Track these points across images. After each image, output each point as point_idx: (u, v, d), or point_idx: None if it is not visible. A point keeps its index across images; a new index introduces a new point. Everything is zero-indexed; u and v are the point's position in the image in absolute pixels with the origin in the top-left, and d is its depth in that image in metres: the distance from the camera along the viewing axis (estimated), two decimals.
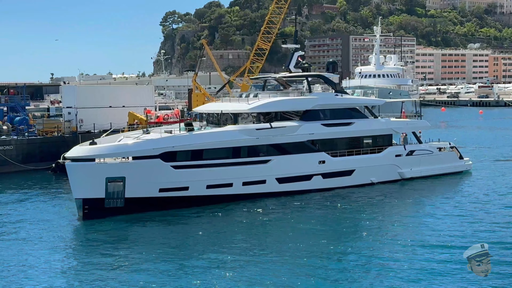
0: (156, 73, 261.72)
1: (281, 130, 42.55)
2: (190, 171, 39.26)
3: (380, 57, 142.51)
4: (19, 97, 76.45)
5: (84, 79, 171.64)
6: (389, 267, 27.25)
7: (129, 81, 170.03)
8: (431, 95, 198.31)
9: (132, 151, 38.02)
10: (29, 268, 28.05)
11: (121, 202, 37.77)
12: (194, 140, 39.48)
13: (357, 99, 50.67)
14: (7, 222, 36.95)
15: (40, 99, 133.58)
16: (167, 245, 31.77)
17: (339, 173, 44.98)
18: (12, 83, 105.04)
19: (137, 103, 64.61)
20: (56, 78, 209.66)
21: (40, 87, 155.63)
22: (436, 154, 51.32)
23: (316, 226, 35.11)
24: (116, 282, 25.95)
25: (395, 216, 38.17)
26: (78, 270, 28.17)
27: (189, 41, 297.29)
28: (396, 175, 48.29)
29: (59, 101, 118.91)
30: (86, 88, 77.94)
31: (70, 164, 37.39)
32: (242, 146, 40.96)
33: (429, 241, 31.11)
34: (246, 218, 37.30)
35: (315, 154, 44.03)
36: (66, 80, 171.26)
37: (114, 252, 30.69)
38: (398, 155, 48.66)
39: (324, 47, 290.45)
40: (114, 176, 37.42)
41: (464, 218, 36.09)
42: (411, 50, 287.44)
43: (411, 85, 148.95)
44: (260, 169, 41.57)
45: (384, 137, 48.62)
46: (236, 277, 26.30)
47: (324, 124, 44.88)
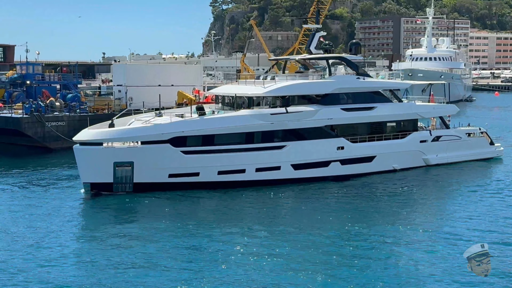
0: (205, 54, 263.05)
1: (298, 115, 40.83)
2: (200, 157, 38.19)
3: (432, 40, 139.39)
4: (72, 75, 78.64)
5: (134, 59, 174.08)
6: (409, 258, 25.78)
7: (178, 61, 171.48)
8: (484, 79, 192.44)
9: (140, 136, 37.26)
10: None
11: (129, 187, 37.28)
12: (205, 125, 38.37)
13: (380, 82, 48.17)
14: (65, 195, 37.72)
15: (92, 77, 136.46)
16: (177, 223, 31.07)
17: (358, 159, 43.13)
18: (65, 62, 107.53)
19: (185, 82, 65.20)
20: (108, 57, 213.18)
21: (92, 66, 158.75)
22: (465, 139, 49.07)
23: (332, 214, 33.65)
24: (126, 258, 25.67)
25: (417, 204, 36.39)
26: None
27: (238, 22, 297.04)
28: (420, 162, 46.36)
29: (110, 80, 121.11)
30: (136, 66, 78.88)
31: (77, 147, 37.10)
32: (256, 131, 39.52)
33: (453, 233, 29.31)
34: (259, 204, 35.90)
35: (334, 139, 42.27)
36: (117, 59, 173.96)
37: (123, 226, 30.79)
38: (423, 140, 46.59)
39: (374, 29, 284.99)
40: (122, 161, 36.97)
41: (491, 208, 34.16)
42: (465, 33, 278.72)
43: (464, 69, 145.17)
44: (274, 155, 40.10)
45: (408, 122, 46.50)
46: (246, 263, 25.24)
47: (344, 108, 43.02)
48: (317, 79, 44.56)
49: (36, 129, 54.53)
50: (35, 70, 72.76)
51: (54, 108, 57.85)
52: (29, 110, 54.84)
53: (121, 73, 65.62)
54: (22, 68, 72.83)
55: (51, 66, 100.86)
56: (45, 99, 61.01)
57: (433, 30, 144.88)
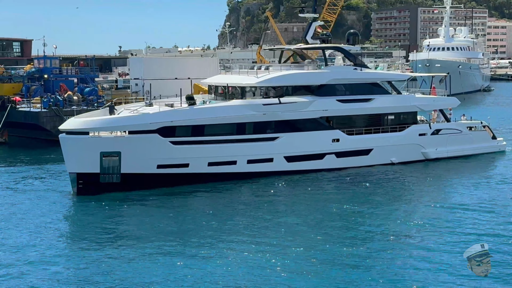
0: (221, 46, 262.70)
1: (291, 105, 39.99)
2: (190, 147, 37.22)
3: (450, 29, 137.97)
4: (89, 69, 78.80)
5: (150, 52, 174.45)
6: (404, 256, 25.00)
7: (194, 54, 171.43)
8: (503, 69, 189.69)
9: (127, 125, 36.31)
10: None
11: (117, 177, 36.18)
12: (194, 115, 37.36)
13: (378, 74, 47.59)
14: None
15: (108, 71, 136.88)
16: (166, 224, 30.40)
17: (354, 152, 42.58)
18: (82, 56, 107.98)
19: (202, 75, 65.15)
20: (124, 51, 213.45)
21: (109, 59, 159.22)
22: (466, 133, 48.19)
23: (326, 208, 32.91)
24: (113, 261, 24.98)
25: (414, 199, 35.57)
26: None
27: (254, 14, 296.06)
28: (419, 155, 45.65)
29: (126, 74, 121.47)
30: (152, 60, 79.20)
31: (63, 136, 36.03)
32: (247, 122, 38.61)
33: (451, 230, 28.26)
34: (251, 197, 35.36)
35: (329, 131, 41.75)
36: (133, 53, 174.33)
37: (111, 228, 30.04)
38: (422, 134, 45.88)
39: (391, 19, 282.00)
40: (109, 151, 35.84)
41: (492, 204, 33.17)
42: (483, 23, 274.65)
43: (482, 59, 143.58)
44: (267, 147, 39.33)
45: (407, 115, 45.75)
46: (237, 258, 24.71)
47: (340, 100, 42.44)
48: (313, 69, 43.82)
49: (55, 123, 54.89)
50: (52, 64, 73.02)
51: (72, 102, 58.28)
52: (47, 104, 55.29)
53: (138, 66, 66.12)
54: (39, 62, 73.17)
55: (68, 60, 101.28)
56: (63, 93, 61.46)
57: (450, 19, 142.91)
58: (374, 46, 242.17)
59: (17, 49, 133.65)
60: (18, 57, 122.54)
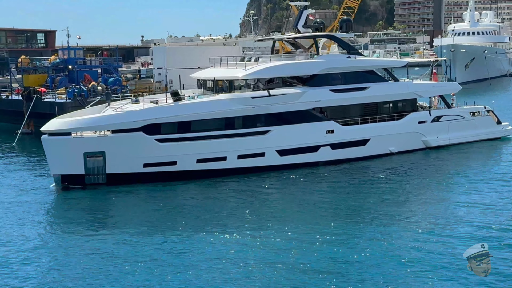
0: (243, 34, 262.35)
1: (281, 98, 38.74)
2: (177, 145, 36.16)
3: (475, 13, 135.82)
4: (112, 59, 79.15)
5: (172, 41, 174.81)
6: (402, 254, 23.42)
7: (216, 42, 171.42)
8: None
9: (110, 124, 35.22)
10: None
11: (102, 178, 35.35)
12: (179, 111, 36.28)
13: (373, 61, 46.18)
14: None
15: (131, 61, 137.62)
16: (153, 219, 29.56)
17: (351, 143, 41.47)
18: (105, 46, 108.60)
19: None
20: (146, 40, 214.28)
21: (131, 49, 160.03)
22: (468, 119, 46.90)
23: (322, 203, 31.65)
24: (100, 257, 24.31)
25: (414, 190, 33.94)
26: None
27: (276, 2, 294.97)
28: (419, 144, 44.60)
29: (149, 63, 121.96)
30: (175, 49, 79.21)
31: (45, 138, 35.19)
32: (236, 116, 37.45)
33: (454, 224, 26.67)
34: (242, 193, 34.14)
35: (322, 123, 40.35)
36: (156, 42, 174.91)
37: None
38: (421, 121, 44.77)
39: (415, 4, 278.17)
40: (93, 151, 35.08)
41: (498, 193, 31.71)
42: (509, 6, 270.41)
43: (508, 43, 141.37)
44: (257, 141, 38.10)
45: (406, 102, 44.59)
46: (228, 256, 23.72)
47: (333, 89, 41.01)
48: (304, 59, 42.45)
49: None
50: (76, 54, 73.49)
51: (96, 92, 58.65)
52: (72, 94, 55.73)
53: (161, 56, 66.04)
54: (64, 53, 73.65)
55: (91, 50, 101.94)
56: (87, 84, 61.99)
57: (475, 3, 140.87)
58: (397, 32, 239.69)
59: (41, 40, 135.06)
60: (42, 48, 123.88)
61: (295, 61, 42.00)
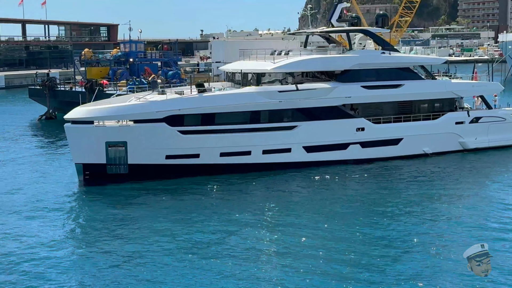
0: (301, 28, 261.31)
1: (310, 92, 37.61)
2: (200, 137, 35.43)
3: None
4: (172, 53, 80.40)
5: (231, 35, 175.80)
6: (437, 260, 22.46)
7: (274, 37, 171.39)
8: None
9: (133, 114, 34.66)
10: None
11: (124, 168, 34.85)
12: (203, 103, 35.60)
13: (409, 58, 44.48)
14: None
15: (190, 54, 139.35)
16: (176, 216, 28.86)
17: (382, 142, 40.06)
18: (165, 40, 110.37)
19: None
20: (206, 34, 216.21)
21: (191, 43, 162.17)
22: (510, 121, 44.36)
23: (350, 202, 30.81)
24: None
25: (449, 194, 32.35)
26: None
27: None
28: (456, 145, 42.66)
29: (207, 57, 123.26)
30: (234, 42, 79.70)
31: (68, 126, 34.77)
32: (262, 110, 36.52)
33: (493, 231, 25.38)
34: (268, 190, 33.48)
35: (352, 120, 39.08)
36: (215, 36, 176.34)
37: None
38: (459, 122, 42.74)
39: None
40: (115, 141, 34.58)
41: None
42: None
43: None
44: (284, 136, 37.12)
45: (443, 101, 42.75)
46: (254, 258, 23.07)
47: (365, 86, 39.60)
48: (337, 54, 41.25)
49: None
50: (137, 48, 75.15)
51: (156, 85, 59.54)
52: (133, 87, 56.77)
53: (220, 49, 66.61)
54: (125, 46, 75.38)
55: (152, 44, 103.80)
56: (147, 76, 63.10)
57: None
58: (460, 27, 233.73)
59: (104, 34, 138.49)
60: (105, 41, 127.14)
61: (326, 55, 41.02)
